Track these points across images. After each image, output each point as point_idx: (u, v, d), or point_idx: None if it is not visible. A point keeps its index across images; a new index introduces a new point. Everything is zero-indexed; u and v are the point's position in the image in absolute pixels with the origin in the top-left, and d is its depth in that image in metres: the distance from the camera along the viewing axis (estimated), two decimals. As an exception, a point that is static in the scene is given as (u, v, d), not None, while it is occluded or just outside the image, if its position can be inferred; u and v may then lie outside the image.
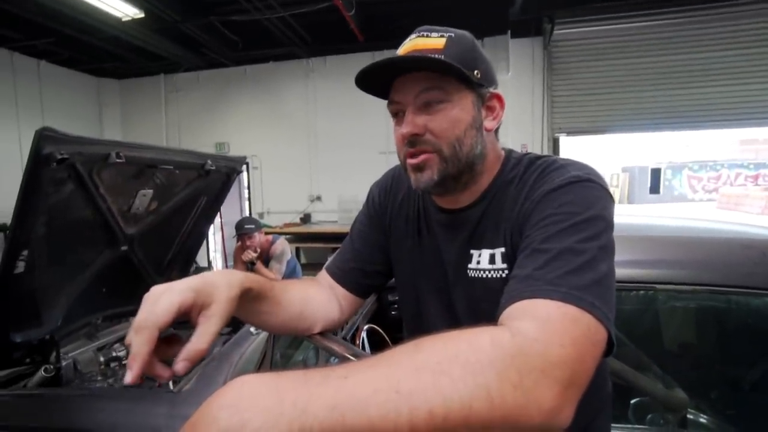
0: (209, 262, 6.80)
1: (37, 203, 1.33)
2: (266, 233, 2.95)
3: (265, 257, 2.86)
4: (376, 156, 6.08)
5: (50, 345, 1.62)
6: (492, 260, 0.66)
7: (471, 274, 0.68)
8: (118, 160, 1.54)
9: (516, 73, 5.26)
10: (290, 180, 6.54)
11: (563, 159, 0.64)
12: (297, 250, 5.76)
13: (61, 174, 1.43)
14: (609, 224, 0.54)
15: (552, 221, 0.54)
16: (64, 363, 1.65)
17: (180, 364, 0.42)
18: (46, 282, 1.58)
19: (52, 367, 1.59)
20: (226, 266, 6.37)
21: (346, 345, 0.69)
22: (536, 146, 5.44)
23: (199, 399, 0.68)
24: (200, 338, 0.43)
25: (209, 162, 2.05)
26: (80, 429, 1.23)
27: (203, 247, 4.62)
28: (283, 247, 2.90)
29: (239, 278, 0.51)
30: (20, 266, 1.36)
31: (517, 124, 5.36)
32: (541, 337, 0.39)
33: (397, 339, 1.73)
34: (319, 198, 6.49)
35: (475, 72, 0.62)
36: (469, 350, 0.37)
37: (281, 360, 1.33)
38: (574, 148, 5.87)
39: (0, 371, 1.51)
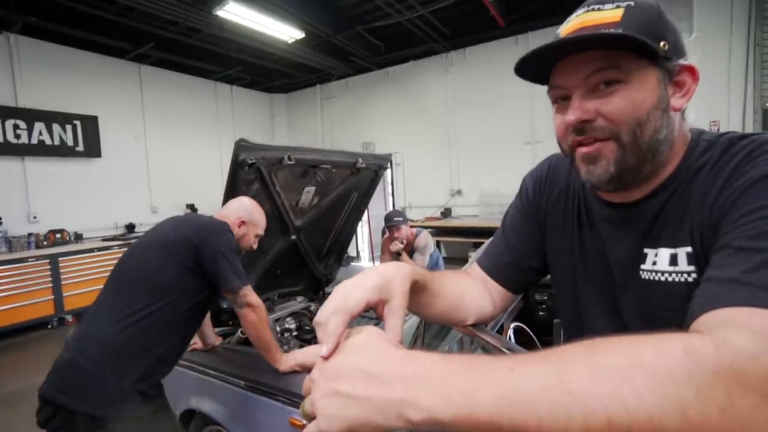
0: (357, 253, 7.47)
1: (236, 199, 1.66)
2: (410, 226, 3.08)
3: (410, 249, 2.98)
4: (521, 147, 5.73)
5: (244, 314, 2.01)
6: (674, 261, 0.56)
7: (645, 276, 0.59)
8: (289, 162, 1.82)
9: (703, 32, 4.26)
10: (431, 175, 6.69)
11: None
12: (438, 244, 5.86)
13: (251, 175, 1.76)
14: None
15: (766, 214, 0.43)
16: (253, 329, 2.04)
17: None
18: (242, 262, 1.96)
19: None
20: (373, 256, 6.88)
21: (500, 338, 0.67)
22: (735, 123, 4.34)
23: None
24: (393, 333, 0.46)
25: (360, 160, 2.24)
26: (262, 381, 1.54)
27: (353, 239, 5.11)
28: (426, 240, 2.98)
29: (409, 271, 0.53)
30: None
31: (705, 98, 4.35)
32: (761, 353, 0.32)
33: (545, 341, 1.61)
34: (459, 192, 6.46)
35: (662, 43, 0.52)
36: (657, 359, 0.32)
37: (428, 350, 1.38)
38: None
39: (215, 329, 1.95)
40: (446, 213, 6.41)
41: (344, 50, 5.99)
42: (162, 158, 6.39)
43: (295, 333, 2.22)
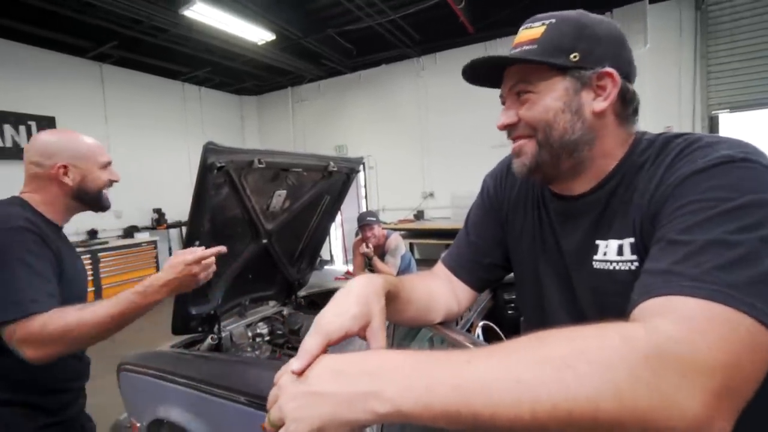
0: (331, 256, 7.44)
1: (205, 204, 1.64)
2: (382, 228, 3.09)
3: (381, 252, 3.00)
4: (489, 150, 5.87)
5: (214, 319, 1.98)
6: (620, 251, 0.61)
7: (597, 266, 0.63)
8: (259, 165, 1.80)
9: (656, 44, 4.53)
10: (404, 178, 6.74)
11: (711, 136, 0.55)
12: (411, 246, 5.91)
13: (220, 179, 1.74)
14: None
15: (694, 209, 0.47)
16: (223, 334, 2.00)
17: None
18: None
19: (216, 336, 1.95)
20: (346, 259, 6.87)
21: (466, 335, 0.70)
22: (686, 128, 4.61)
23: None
24: None
25: (331, 164, 2.24)
26: (234, 388, 1.51)
27: (326, 242, 5.08)
28: (397, 242, 3.00)
29: (382, 284, 0.56)
30: (194, 254, 1.68)
31: (659, 104, 4.61)
32: (683, 337, 0.35)
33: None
34: (431, 195, 6.55)
35: (572, 56, 0.59)
36: (597, 346, 0.35)
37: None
38: (740, 129, 4.64)
39: (182, 336, 1.91)
40: (419, 215, 6.47)
41: (315, 53, 5.96)
42: (127, 161, 6.12)
43: (267, 338, 2.20)
